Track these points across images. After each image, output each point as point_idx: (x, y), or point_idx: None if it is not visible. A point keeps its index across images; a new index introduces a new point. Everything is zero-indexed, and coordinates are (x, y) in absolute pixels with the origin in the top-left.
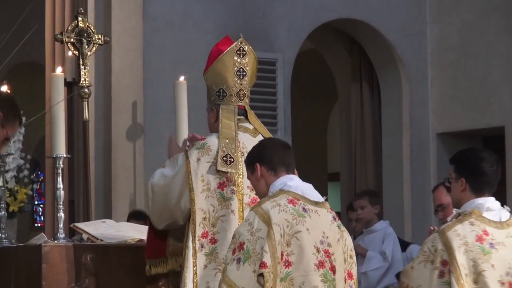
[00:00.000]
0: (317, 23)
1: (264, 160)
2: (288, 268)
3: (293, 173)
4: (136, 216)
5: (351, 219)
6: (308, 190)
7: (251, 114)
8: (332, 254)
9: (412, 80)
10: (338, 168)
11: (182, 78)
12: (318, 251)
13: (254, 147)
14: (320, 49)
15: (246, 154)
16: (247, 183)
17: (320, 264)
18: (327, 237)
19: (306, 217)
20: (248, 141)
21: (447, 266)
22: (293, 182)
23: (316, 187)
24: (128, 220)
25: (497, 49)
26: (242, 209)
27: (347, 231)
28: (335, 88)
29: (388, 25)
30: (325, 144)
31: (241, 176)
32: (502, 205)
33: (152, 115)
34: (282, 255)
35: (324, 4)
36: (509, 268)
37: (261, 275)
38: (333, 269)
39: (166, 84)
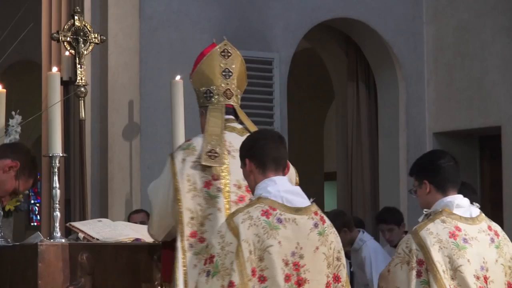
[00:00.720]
0: (314, 22)
1: (254, 155)
2: (264, 283)
3: (284, 170)
4: (135, 211)
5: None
6: (291, 196)
7: (241, 113)
8: (303, 266)
9: (409, 80)
10: (334, 168)
11: (178, 77)
12: (286, 264)
13: (246, 139)
14: (317, 49)
15: (232, 152)
16: (234, 181)
17: (287, 278)
18: (301, 247)
19: (280, 229)
20: (235, 140)
21: (424, 265)
22: (275, 187)
23: (312, 186)
24: (128, 219)
25: (493, 49)
26: (229, 207)
27: (335, 233)
28: (332, 88)
29: (384, 25)
30: (321, 144)
31: (226, 174)
32: (471, 203)
33: (149, 114)
34: (254, 271)
35: (320, 4)
36: (483, 263)
37: None
38: (299, 282)
39: (162, 83)
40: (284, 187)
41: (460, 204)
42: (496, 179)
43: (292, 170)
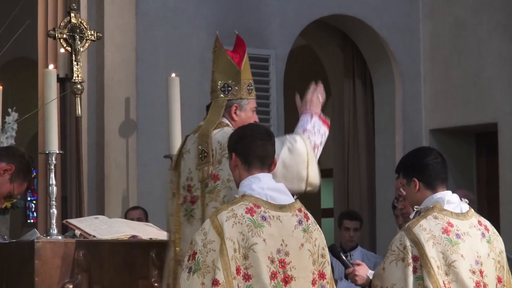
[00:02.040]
0: (310, 19)
1: (239, 151)
2: (248, 281)
3: (269, 167)
4: (132, 208)
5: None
6: (275, 193)
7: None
8: (289, 263)
9: (405, 77)
10: (331, 164)
11: (174, 74)
12: (272, 261)
13: (234, 132)
14: (313, 46)
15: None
16: (182, 183)
17: (273, 276)
18: (286, 245)
19: (264, 227)
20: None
21: (418, 261)
22: (259, 184)
23: None
24: (125, 215)
25: (489, 46)
26: (178, 210)
27: (318, 230)
28: (328, 84)
29: (381, 22)
30: None
31: (178, 176)
32: (460, 199)
33: (145, 111)
34: (238, 269)
35: (317, 0)
36: (477, 257)
37: None
38: (285, 280)
39: (159, 80)
40: (268, 184)
41: (451, 200)
42: (492, 176)
43: (279, 165)
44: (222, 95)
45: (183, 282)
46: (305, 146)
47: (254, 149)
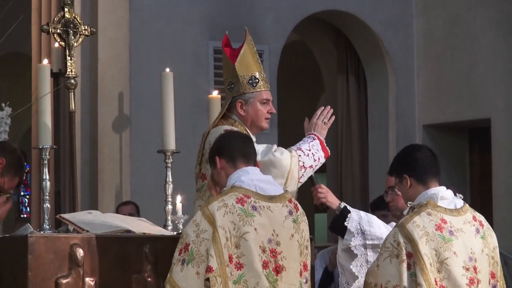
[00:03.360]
0: (304, 14)
1: (223, 152)
2: (240, 270)
3: (255, 164)
4: (124, 203)
5: None
6: (264, 184)
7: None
8: (280, 253)
9: (398, 72)
10: None
11: (168, 69)
12: (264, 251)
13: (213, 144)
14: (307, 41)
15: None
16: None
17: (264, 265)
18: (277, 235)
19: (255, 216)
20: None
21: (412, 258)
22: (248, 176)
23: None
24: (116, 210)
25: (482, 42)
26: None
27: (305, 222)
28: (321, 80)
29: (374, 17)
30: None
31: None
32: (455, 194)
33: (138, 106)
34: (231, 258)
35: None
36: (471, 253)
37: (208, 279)
38: (277, 269)
39: (152, 75)
40: (257, 176)
41: (444, 196)
42: (485, 171)
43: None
44: (229, 93)
45: (177, 275)
46: (289, 162)
47: (236, 146)
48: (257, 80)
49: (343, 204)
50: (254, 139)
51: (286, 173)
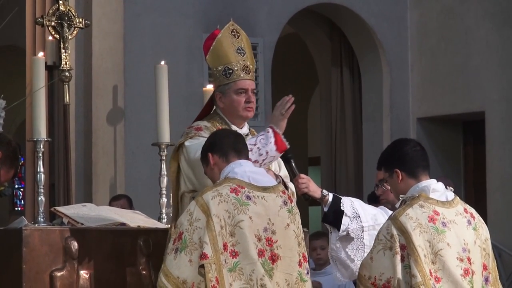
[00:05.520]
0: (298, 7)
1: (215, 148)
2: (235, 258)
3: (247, 158)
4: (115, 198)
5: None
6: (257, 176)
7: None
8: (276, 242)
9: (392, 65)
10: (318, 153)
11: (163, 62)
12: (259, 239)
13: (206, 140)
14: (301, 34)
15: None
16: None
17: (260, 253)
18: (273, 223)
19: (250, 205)
20: None
21: (406, 250)
22: (241, 168)
23: None
24: (109, 205)
25: (476, 34)
26: None
27: (299, 214)
28: (316, 73)
29: (368, 10)
30: (305, 129)
31: None
32: (446, 187)
33: (133, 99)
34: (225, 246)
35: None
36: (464, 245)
37: (202, 266)
38: (272, 258)
39: (146, 68)
40: (249, 168)
41: (436, 188)
42: (479, 164)
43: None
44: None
45: (170, 263)
46: None
47: (228, 142)
48: (231, 71)
49: (325, 192)
50: (246, 130)
51: None
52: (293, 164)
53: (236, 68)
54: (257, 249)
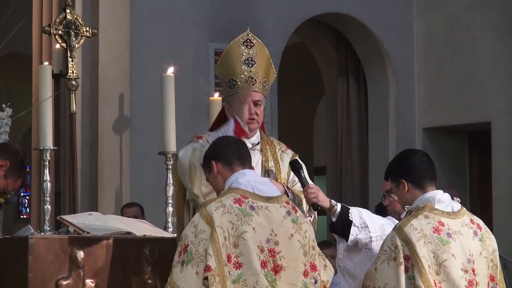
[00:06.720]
0: (304, 17)
1: (219, 156)
2: (239, 269)
3: (250, 167)
4: (128, 205)
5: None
6: (261, 185)
7: None
8: (278, 253)
9: (399, 75)
10: (324, 162)
11: (170, 71)
12: (262, 250)
13: (208, 147)
14: (307, 43)
15: None
16: None
17: (263, 264)
18: (276, 234)
19: (253, 216)
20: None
21: (410, 261)
22: (245, 178)
23: None
24: (121, 212)
25: (483, 44)
26: None
27: (308, 223)
28: (322, 82)
29: (375, 20)
30: (311, 138)
31: None
32: (452, 198)
33: (139, 107)
34: (229, 257)
35: None
36: (469, 255)
37: (206, 278)
38: (275, 269)
39: (153, 76)
40: (253, 177)
41: (441, 199)
42: (485, 174)
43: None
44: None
45: (176, 276)
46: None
47: (232, 150)
48: (235, 82)
49: (334, 202)
50: (255, 139)
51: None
52: (302, 173)
53: (239, 80)
54: (260, 260)
